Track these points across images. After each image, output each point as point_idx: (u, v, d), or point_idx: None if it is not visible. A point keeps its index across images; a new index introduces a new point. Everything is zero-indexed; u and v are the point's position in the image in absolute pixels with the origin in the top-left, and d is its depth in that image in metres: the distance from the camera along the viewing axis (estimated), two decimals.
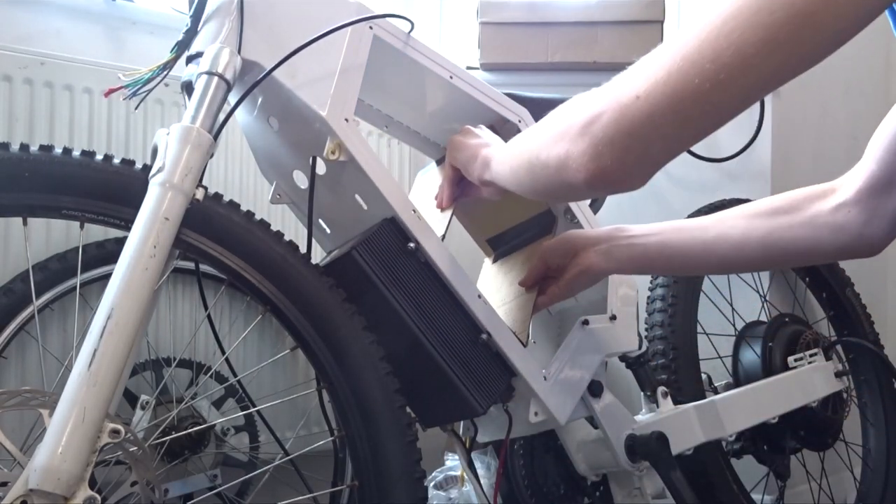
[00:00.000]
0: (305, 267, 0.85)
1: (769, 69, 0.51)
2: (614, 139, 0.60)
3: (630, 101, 0.58)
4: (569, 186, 0.66)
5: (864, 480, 1.58)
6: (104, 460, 0.76)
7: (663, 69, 0.56)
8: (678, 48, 0.55)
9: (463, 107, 1.01)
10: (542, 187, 0.74)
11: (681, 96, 0.55)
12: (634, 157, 0.60)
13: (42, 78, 1.19)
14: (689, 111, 0.55)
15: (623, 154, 0.60)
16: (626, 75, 0.60)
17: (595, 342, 1.01)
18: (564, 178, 0.66)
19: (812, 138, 1.85)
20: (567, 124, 0.65)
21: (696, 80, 0.53)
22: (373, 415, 0.82)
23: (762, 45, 0.50)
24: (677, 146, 0.60)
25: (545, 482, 1.16)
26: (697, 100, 0.54)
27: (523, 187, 0.78)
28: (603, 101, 0.61)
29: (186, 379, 1.29)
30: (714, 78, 0.53)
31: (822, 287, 1.67)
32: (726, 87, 0.53)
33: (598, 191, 0.66)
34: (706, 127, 0.57)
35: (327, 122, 0.83)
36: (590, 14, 1.67)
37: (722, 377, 1.41)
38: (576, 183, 0.64)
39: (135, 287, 0.68)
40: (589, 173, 0.62)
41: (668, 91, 0.55)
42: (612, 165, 0.61)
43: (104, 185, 0.78)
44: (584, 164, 0.62)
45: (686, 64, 0.54)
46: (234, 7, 0.82)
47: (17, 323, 1.12)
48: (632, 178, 0.63)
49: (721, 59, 0.52)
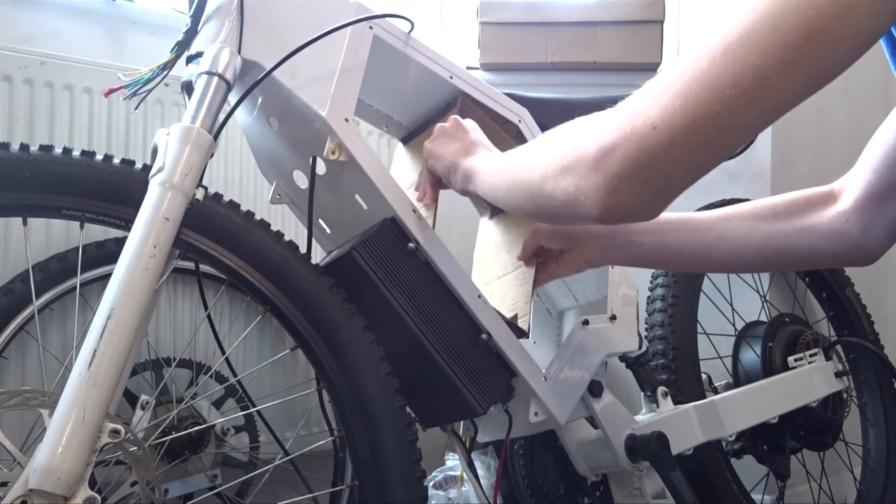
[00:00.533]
0: (305, 267, 0.85)
1: (790, 89, 0.50)
2: (631, 174, 0.57)
3: (646, 131, 0.55)
4: (579, 218, 0.65)
5: (864, 480, 1.59)
6: (104, 460, 0.76)
7: (679, 97, 0.53)
8: (692, 73, 0.53)
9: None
10: (546, 214, 0.72)
11: (701, 123, 0.53)
12: (653, 189, 0.58)
13: (42, 78, 1.19)
14: (708, 138, 0.54)
15: (641, 188, 0.58)
16: (639, 102, 0.57)
17: (595, 342, 1.01)
18: (575, 212, 0.63)
19: (812, 138, 1.85)
20: (574, 156, 0.61)
21: (717, 106, 0.52)
22: (373, 415, 0.82)
23: (781, 67, 0.49)
24: (697, 173, 0.58)
25: (545, 482, 1.16)
26: (717, 126, 0.53)
27: (522, 211, 0.77)
28: (615, 132, 0.57)
29: (186, 379, 1.29)
30: (734, 103, 0.51)
31: (822, 287, 1.67)
32: (746, 111, 0.52)
33: (612, 223, 0.64)
34: (726, 151, 0.56)
35: (327, 122, 0.83)
36: (590, 14, 1.67)
37: (722, 377, 1.42)
38: (589, 216, 0.62)
39: (135, 287, 0.68)
40: (605, 209, 0.60)
41: (688, 120, 0.53)
42: (629, 200, 0.59)
43: (104, 185, 0.78)
44: (599, 201, 0.60)
45: (704, 90, 0.52)
46: (234, 7, 0.82)
47: (17, 323, 1.12)
48: (650, 210, 0.61)
49: (741, 84, 0.50)
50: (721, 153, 0.56)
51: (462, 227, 1.46)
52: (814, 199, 0.82)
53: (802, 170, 1.78)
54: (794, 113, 0.53)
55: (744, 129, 0.54)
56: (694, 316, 1.36)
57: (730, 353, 1.43)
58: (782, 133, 1.71)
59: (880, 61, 0.70)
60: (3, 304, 1.11)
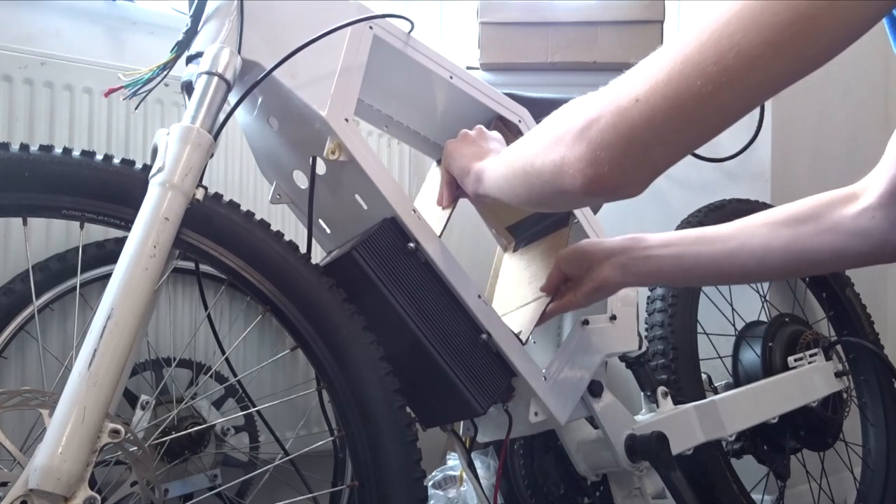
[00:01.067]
0: (305, 267, 0.85)
1: (773, 71, 0.50)
2: (612, 143, 0.58)
3: (629, 103, 0.56)
4: (565, 194, 0.65)
5: (864, 480, 1.58)
6: (104, 460, 0.76)
7: (663, 71, 0.54)
8: (679, 50, 0.54)
9: (463, 107, 1.01)
10: (537, 196, 0.72)
11: (683, 98, 0.53)
12: (633, 161, 0.58)
13: (42, 78, 1.20)
14: (690, 114, 0.54)
15: (621, 158, 0.58)
16: (626, 78, 0.59)
17: (595, 342, 1.01)
18: (560, 185, 0.64)
19: (812, 138, 1.85)
20: (563, 129, 0.63)
21: (699, 82, 0.52)
22: (373, 415, 0.82)
23: (766, 47, 0.49)
24: (677, 150, 0.58)
25: (545, 482, 1.16)
26: (699, 102, 0.53)
27: (519, 198, 0.76)
28: (601, 105, 0.59)
29: (186, 379, 1.29)
30: (717, 80, 0.51)
31: (822, 287, 1.67)
32: (729, 90, 0.52)
33: (595, 197, 0.64)
34: (708, 131, 0.56)
35: (327, 122, 0.83)
36: (590, 14, 1.67)
37: (722, 377, 1.41)
38: (572, 190, 0.63)
39: (135, 287, 0.68)
40: (586, 178, 0.61)
41: (670, 93, 0.54)
42: (609, 171, 0.59)
43: (104, 185, 0.78)
44: (581, 170, 0.61)
45: (688, 66, 0.53)
46: (234, 7, 0.82)
47: (17, 323, 1.12)
48: (630, 184, 0.61)
49: (724, 61, 0.51)
50: (703, 133, 0.56)
51: (462, 227, 1.46)
52: (835, 200, 0.80)
53: (802, 170, 1.78)
54: (794, 113, 0.53)
55: (726, 108, 0.54)
56: (694, 316, 1.36)
57: (730, 353, 1.43)
58: (782, 133, 1.71)
59: (880, 61, 0.70)
60: (3, 304, 1.11)
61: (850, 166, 0.79)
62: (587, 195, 0.62)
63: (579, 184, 0.61)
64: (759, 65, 0.50)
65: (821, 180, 0.84)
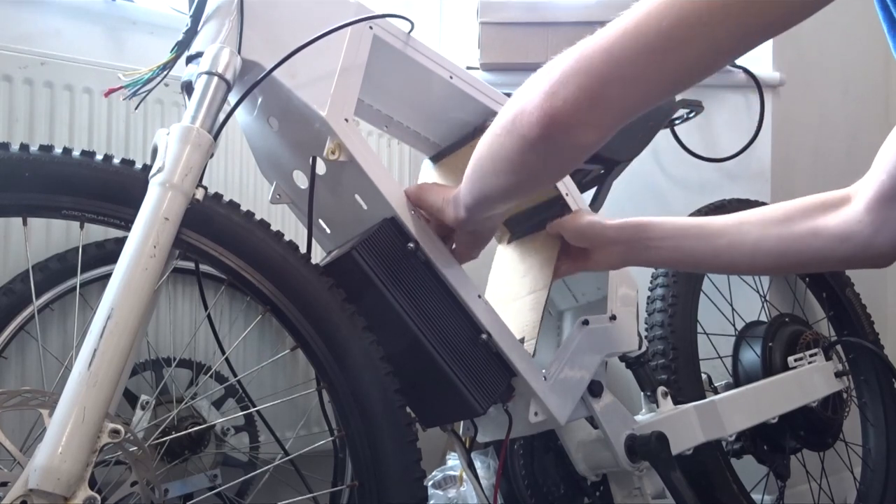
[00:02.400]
0: (305, 267, 0.85)
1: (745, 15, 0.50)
2: (569, 78, 0.58)
3: (588, 42, 0.58)
4: (523, 139, 0.64)
5: (864, 480, 1.58)
6: (104, 460, 0.76)
7: (627, 17, 0.56)
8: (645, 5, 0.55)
9: (463, 107, 1.01)
10: (502, 166, 0.70)
11: (643, 31, 0.54)
12: (588, 96, 0.58)
13: (42, 78, 1.19)
14: (649, 50, 0.54)
15: (577, 92, 0.58)
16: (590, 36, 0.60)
17: (595, 342, 1.01)
18: (518, 132, 0.64)
19: (812, 138, 1.85)
20: (526, 84, 0.65)
21: (664, 22, 0.53)
22: (373, 415, 0.82)
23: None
24: (636, 92, 0.58)
25: (545, 482, 1.15)
26: (660, 37, 0.53)
27: (488, 184, 0.75)
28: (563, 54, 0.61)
29: (186, 379, 1.29)
30: (679, 15, 0.52)
31: (822, 287, 1.67)
32: (692, 26, 0.52)
33: (551, 140, 0.62)
34: (670, 80, 0.56)
35: (327, 122, 0.83)
36: (590, 14, 1.67)
37: (722, 377, 1.41)
38: (529, 129, 0.62)
39: (135, 287, 0.68)
40: (543, 113, 0.60)
41: (631, 29, 0.55)
42: (564, 106, 0.59)
43: (104, 185, 0.78)
44: (538, 105, 0.61)
45: (652, 6, 0.53)
46: (234, 7, 0.82)
47: (17, 323, 1.12)
48: (587, 123, 0.60)
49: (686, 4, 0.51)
50: (662, 77, 0.56)
51: None
52: (828, 202, 0.82)
53: (802, 170, 1.78)
54: (794, 113, 0.53)
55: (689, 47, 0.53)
56: (694, 316, 1.36)
57: (730, 353, 1.43)
58: (782, 133, 1.71)
59: (880, 61, 0.70)
60: (3, 304, 1.11)
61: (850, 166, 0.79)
62: (544, 134, 0.62)
63: (535, 118, 0.61)
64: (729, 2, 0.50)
65: (821, 180, 0.84)
